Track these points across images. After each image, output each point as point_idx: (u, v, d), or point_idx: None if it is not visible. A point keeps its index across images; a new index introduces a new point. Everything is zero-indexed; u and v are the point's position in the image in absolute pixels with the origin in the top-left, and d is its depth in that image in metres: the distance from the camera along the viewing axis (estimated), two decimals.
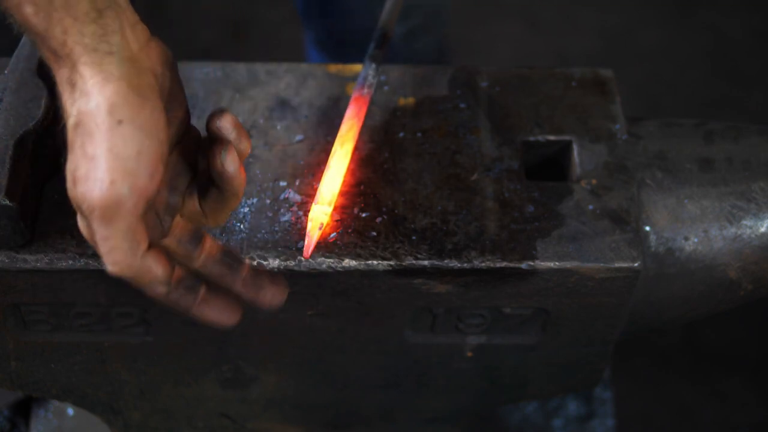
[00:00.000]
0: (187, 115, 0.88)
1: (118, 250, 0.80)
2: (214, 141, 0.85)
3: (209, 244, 0.90)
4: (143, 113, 0.79)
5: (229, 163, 0.84)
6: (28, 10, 0.77)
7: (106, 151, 0.77)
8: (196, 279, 0.89)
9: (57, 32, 0.78)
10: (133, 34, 0.81)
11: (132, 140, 0.78)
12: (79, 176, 0.79)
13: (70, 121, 0.79)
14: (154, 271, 0.83)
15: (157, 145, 0.80)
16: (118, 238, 0.80)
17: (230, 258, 0.90)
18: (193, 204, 0.90)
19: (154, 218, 0.86)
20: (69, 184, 0.80)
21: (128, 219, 0.79)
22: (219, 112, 0.85)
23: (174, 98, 0.85)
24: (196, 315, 0.89)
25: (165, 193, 0.87)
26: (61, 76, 0.80)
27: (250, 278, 0.90)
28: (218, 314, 0.90)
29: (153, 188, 0.80)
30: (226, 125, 0.84)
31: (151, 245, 0.83)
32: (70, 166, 0.80)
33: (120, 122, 0.78)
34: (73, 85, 0.79)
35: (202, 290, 0.88)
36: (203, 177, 0.89)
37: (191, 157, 0.89)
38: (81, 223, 0.83)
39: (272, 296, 0.91)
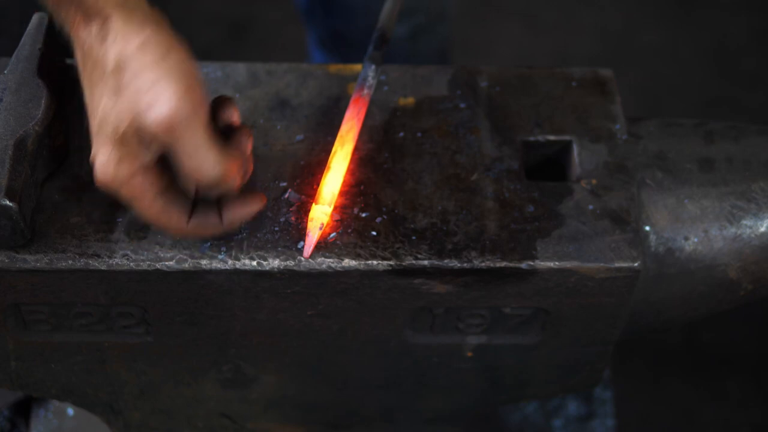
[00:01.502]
0: None
1: (210, 152, 0.87)
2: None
3: None
4: (182, 47, 0.87)
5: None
6: None
7: (166, 75, 0.84)
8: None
9: None
10: None
11: (183, 63, 0.86)
12: (144, 106, 0.84)
13: (109, 67, 0.86)
14: (235, 172, 0.90)
15: (199, 73, 0.87)
16: (204, 140, 0.86)
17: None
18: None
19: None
20: (121, 123, 0.85)
21: (203, 128, 0.86)
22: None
23: None
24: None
25: None
26: (88, 32, 0.87)
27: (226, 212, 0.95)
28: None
29: (208, 109, 0.88)
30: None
31: None
32: (124, 107, 0.85)
33: (168, 51, 0.85)
34: (104, 36, 0.86)
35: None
36: None
37: None
38: (128, 157, 0.87)
39: (247, 212, 0.96)
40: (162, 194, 0.90)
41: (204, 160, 0.87)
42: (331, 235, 0.99)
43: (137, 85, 0.84)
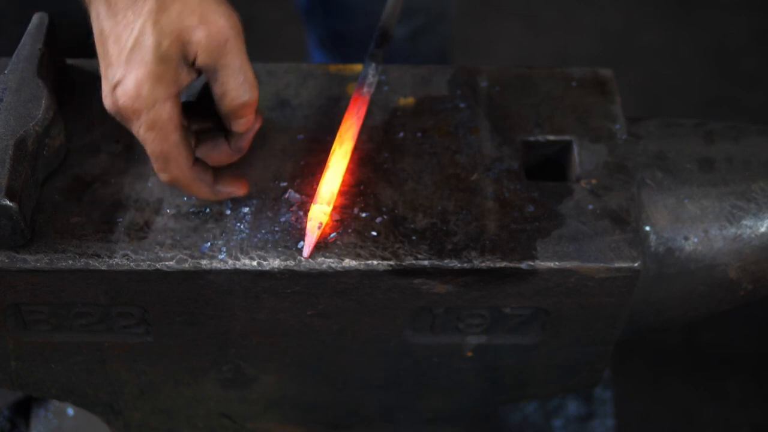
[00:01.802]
0: None
1: (250, 73, 0.91)
2: None
3: None
4: None
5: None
6: None
7: (209, 1, 0.88)
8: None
9: None
10: None
11: None
12: (195, 22, 0.87)
13: None
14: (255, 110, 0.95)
15: None
16: (246, 60, 0.90)
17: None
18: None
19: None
20: (164, 40, 0.86)
21: (245, 50, 0.91)
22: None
23: None
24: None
25: None
26: None
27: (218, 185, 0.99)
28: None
29: None
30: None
31: None
32: (169, 25, 0.87)
33: None
34: None
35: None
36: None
37: None
38: (165, 69, 0.88)
39: (233, 191, 0.99)
40: (180, 129, 0.91)
41: (245, 81, 0.91)
42: (331, 235, 0.99)
43: (184, 4, 0.86)
